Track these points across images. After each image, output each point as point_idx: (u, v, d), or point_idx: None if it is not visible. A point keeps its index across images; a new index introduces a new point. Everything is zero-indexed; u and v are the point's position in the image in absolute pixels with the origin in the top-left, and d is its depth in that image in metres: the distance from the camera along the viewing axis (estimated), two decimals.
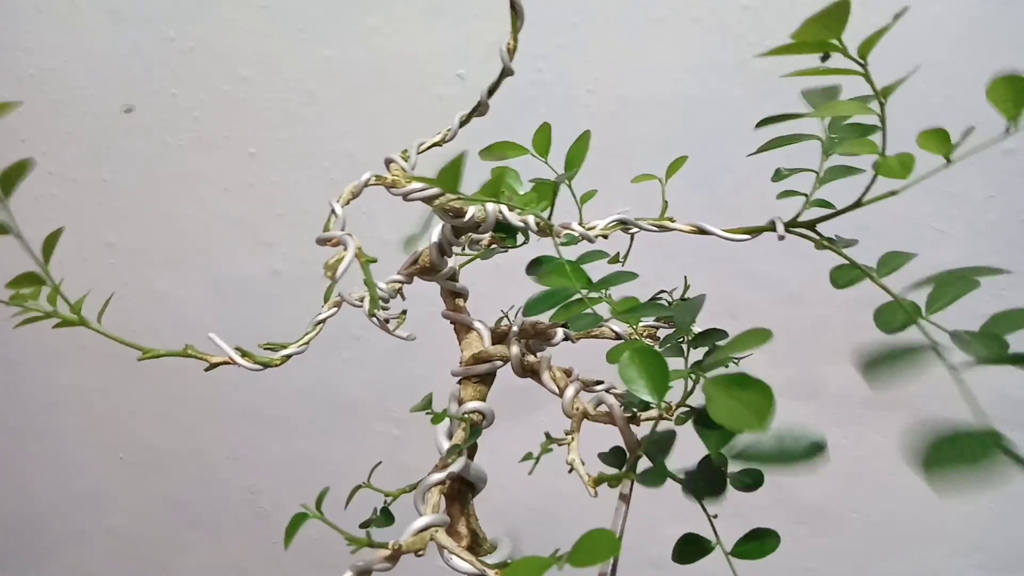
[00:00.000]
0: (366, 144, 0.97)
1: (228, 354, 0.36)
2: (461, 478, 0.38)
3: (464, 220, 0.40)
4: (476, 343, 0.44)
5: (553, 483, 0.85)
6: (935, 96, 0.82)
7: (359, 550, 0.30)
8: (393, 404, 1.05)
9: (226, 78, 0.98)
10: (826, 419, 0.94)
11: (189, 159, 1.02)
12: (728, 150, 0.83)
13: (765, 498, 1.06)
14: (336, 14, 0.94)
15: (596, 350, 0.36)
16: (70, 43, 1.01)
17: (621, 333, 0.45)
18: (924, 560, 0.96)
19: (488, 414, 0.41)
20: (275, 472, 1.12)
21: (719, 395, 0.21)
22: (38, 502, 1.22)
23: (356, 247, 0.33)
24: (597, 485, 0.31)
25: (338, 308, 0.39)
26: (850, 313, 0.88)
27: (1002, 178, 0.84)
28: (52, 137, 1.04)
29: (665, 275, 0.50)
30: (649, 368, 0.26)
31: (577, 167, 0.39)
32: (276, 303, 1.04)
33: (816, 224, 0.36)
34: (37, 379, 1.16)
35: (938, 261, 0.33)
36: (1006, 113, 0.28)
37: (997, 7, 0.80)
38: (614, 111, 0.90)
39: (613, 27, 0.88)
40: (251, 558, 1.17)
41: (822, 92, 0.39)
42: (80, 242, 1.07)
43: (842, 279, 0.33)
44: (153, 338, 0.43)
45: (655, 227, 0.39)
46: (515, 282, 0.40)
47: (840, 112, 0.37)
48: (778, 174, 0.40)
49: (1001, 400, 0.86)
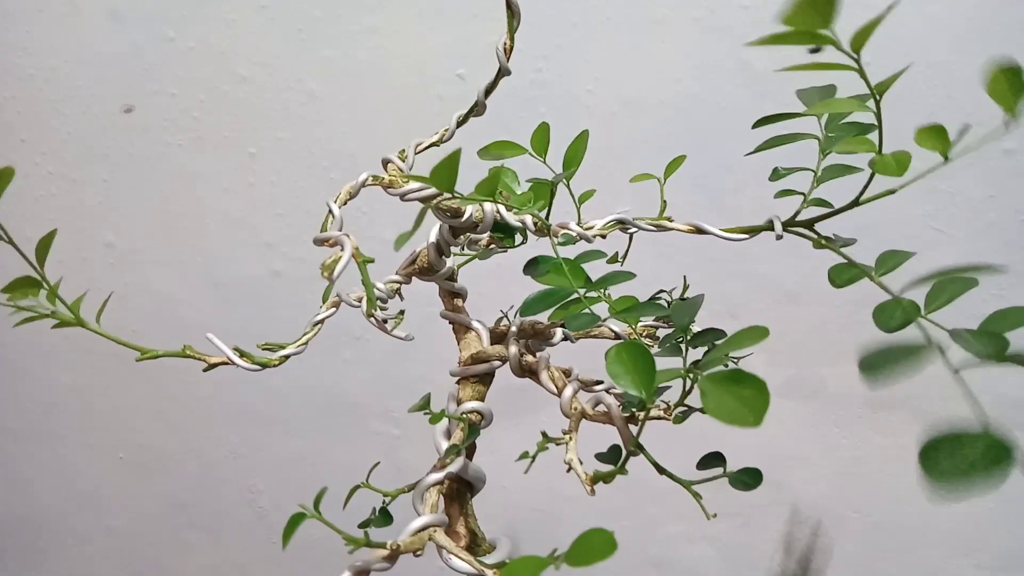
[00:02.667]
0: (366, 144, 0.97)
1: (226, 354, 0.36)
2: (460, 478, 0.38)
3: (462, 220, 0.40)
4: (475, 343, 0.44)
5: (552, 483, 0.85)
6: (934, 96, 0.82)
7: (357, 550, 0.30)
8: (393, 404, 1.05)
9: (226, 78, 0.98)
10: (826, 419, 0.94)
11: (189, 159, 1.02)
12: (727, 150, 0.83)
13: (765, 498, 1.06)
14: (336, 14, 0.94)
15: (596, 350, 0.36)
16: (70, 43, 1.01)
17: (620, 333, 0.45)
18: (924, 560, 0.96)
19: (487, 414, 0.41)
20: (275, 472, 1.12)
21: (714, 391, 0.21)
22: (38, 502, 1.22)
23: (353, 247, 0.33)
24: (594, 484, 0.31)
25: (336, 308, 0.39)
26: (850, 313, 0.88)
27: (1002, 178, 0.84)
28: (52, 137, 1.04)
29: (664, 275, 0.50)
30: (635, 363, 0.26)
31: (575, 167, 0.39)
32: (276, 303, 1.04)
33: (814, 223, 0.36)
34: (37, 379, 1.16)
35: (937, 261, 0.33)
36: (1005, 106, 0.27)
37: (996, 6, 0.80)
38: (614, 111, 0.90)
39: (613, 27, 0.88)
40: (251, 558, 1.17)
41: (818, 91, 0.39)
42: (80, 242, 1.07)
43: (840, 278, 0.33)
44: (153, 338, 0.43)
45: (653, 227, 0.39)
46: (515, 282, 0.40)
47: (836, 110, 0.37)
48: (776, 173, 0.40)
49: (1001, 400, 0.86)
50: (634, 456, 0.31)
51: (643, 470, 0.33)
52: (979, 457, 0.19)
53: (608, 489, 0.34)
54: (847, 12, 0.25)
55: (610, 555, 0.23)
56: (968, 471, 0.19)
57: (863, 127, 0.38)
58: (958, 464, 0.19)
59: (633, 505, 1.00)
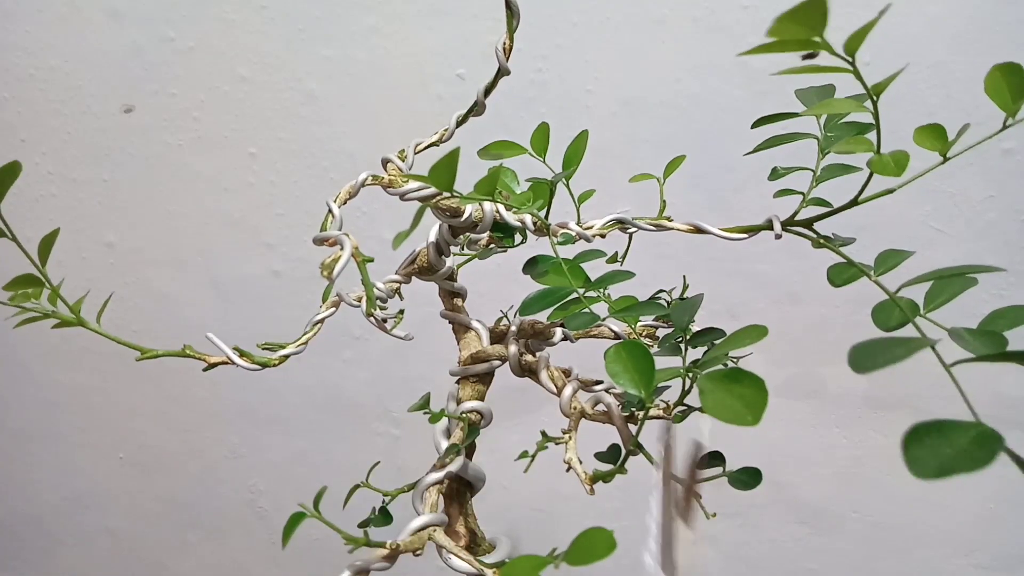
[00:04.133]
0: (366, 144, 0.97)
1: (226, 354, 0.36)
2: (459, 477, 0.38)
3: (461, 220, 0.40)
4: (474, 343, 0.44)
5: (552, 483, 0.85)
6: (934, 96, 0.82)
7: (357, 549, 0.30)
8: (392, 404, 1.06)
9: (226, 78, 0.98)
10: (826, 419, 0.94)
11: (189, 159, 1.02)
12: (727, 150, 0.83)
13: (765, 498, 1.06)
14: (336, 14, 0.94)
15: (595, 350, 0.36)
16: (70, 43, 1.01)
17: (620, 332, 0.45)
18: (924, 560, 0.96)
19: (486, 414, 0.41)
20: (275, 472, 1.12)
21: (713, 390, 0.21)
22: (38, 502, 1.22)
23: (353, 247, 0.33)
24: (594, 483, 0.31)
25: (336, 308, 0.39)
26: (849, 312, 0.88)
27: (1001, 178, 0.84)
28: (52, 137, 1.04)
29: (663, 274, 0.50)
30: (635, 363, 0.26)
31: (574, 166, 0.39)
32: (276, 303, 1.04)
33: (813, 223, 0.37)
34: (37, 379, 1.16)
35: (937, 261, 0.33)
36: (1003, 106, 0.27)
37: (996, 6, 0.80)
38: (614, 111, 0.90)
39: (613, 27, 0.88)
40: (251, 558, 1.17)
41: (816, 91, 0.39)
42: (80, 242, 1.07)
43: (839, 277, 0.33)
44: (153, 338, 0.43)
45: (653, 226, 0.39)
46: (514, 281, 0.40)
47: (834, 110, 0.37)
48: (775, 173, 0.40)
49: (1000, 399, 0.86)
50: (633, 455, 0.31)
51: (643, 470, 0.33)
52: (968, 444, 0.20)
53: (608, 489, 0.34)
54: (847, 12, 0.25)
55: (609, 554, 0.23)
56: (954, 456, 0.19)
57: (862, 127, 0.38)
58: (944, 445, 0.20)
59: (633, 505, 1.00)
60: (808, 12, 0.21)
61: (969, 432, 0.20)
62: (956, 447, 0.20)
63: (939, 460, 0.19)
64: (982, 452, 0.19)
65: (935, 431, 0.20)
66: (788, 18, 0.21)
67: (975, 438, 0.20)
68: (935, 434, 0.20)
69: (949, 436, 0.20)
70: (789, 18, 0.21)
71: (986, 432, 0.20)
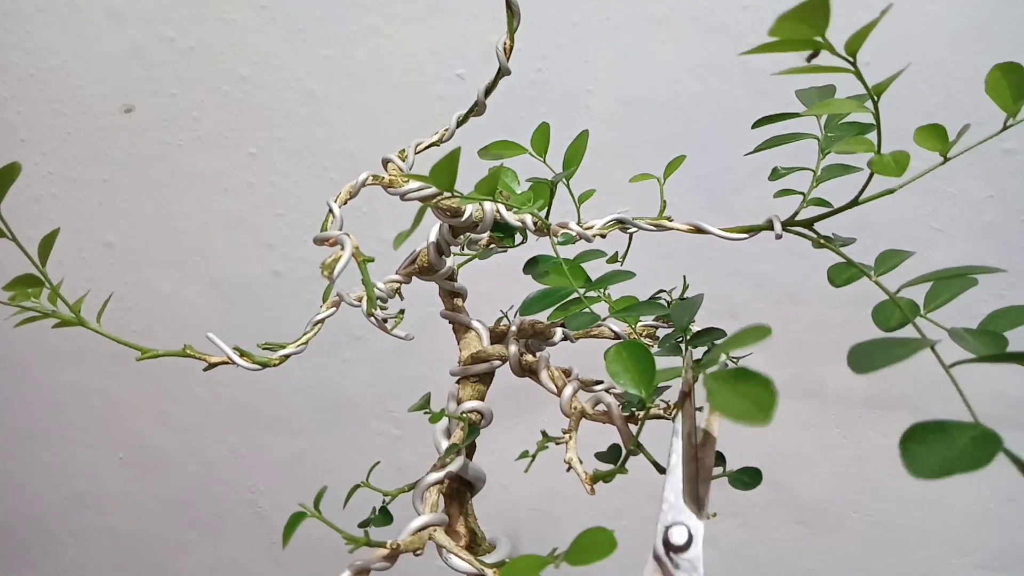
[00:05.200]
0: (366, 144, 0.97)
1: (226, 354, 0.36)
2: (460, 477, 0.38)
3: (462, 219, 0.40)
4: (474, 343, 0.44)
5: (552, 483, 0.85)
6: (934, 96, 0.82)
7: (357, 549, 0.30)
8: (393, 404, 1.06)
9: (226, 78, 0.98)
10: (826, 419, 0.94)
11: (189, 159, 1.02)
12: (727, 150, 0.83)
13: (764, 497, 1.06)
14: (336, 14, 0.94)
15: (596, 350, 0.36)
16: (70, 43, 1.01)
17: (620, 332, 0.45)
18: (924, 560, 0.96)
19: (487, 413, 0.41)
20: (275, 472, 1.12)
21: (720, 389, 0.21)
22: (38, 502, 1.22)
23: (353, 246, 0.33)
24: (594, 483, 0.31)
25: (336, 308, 0.39)
26: (849, 312, 0.88)
27: (1001, 178, 0.84)
28: (52, 137, 1.04)
29: (664, 274, 0.50)
30: (635, 362, 0.26)
31: (575, 166, 0.39)
32: (276, 303, 1.04)
33: (814, 223, 0.37)
34: (37, 379, 1.16)
35: (937, 261, 0.33)
36: (1004, 106, 0.27)
37: (996, 6, 0.80)
38: (614, 111, 0.90)
39: (613, 27, 0.88)
40: (251, 558, 1.17)
41: (817, 91, 0.39)
42: (80, 242, 1.07)
43: (839, 278, 0.33)
44: (153, 338, 0.43)
45: (653, 226, 0.39)
46: (515, 281, 0.40)
47: (834, 110, 0.37)
48: (775, 173, 0.40)
49: (1000, 400, 0.86)
50: (634, 455, 0.31)
51: (643, 470, 0.33)
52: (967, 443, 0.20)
53: (608, 489, 0.34)
54: (848, 12, 0.25)
55: (610, 554, 0.23)
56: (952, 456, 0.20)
57: (862, 127, 0.38)
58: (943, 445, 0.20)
59: (633, 505, 1.00)
60: (810, 12, 0.21)
61: (968, 432, 0.20)
62: (955, 447, 0.20)
63: (938, 460, 0.19)
64: (981, 452, 0.19)
65: (934, 431, 0.20)
66: (790, 17, 0.21)
67: (974, 438, 0.20)
68: (934, 434, 0.20)
69: (948, 436, 0.20)
70: (791, 17, 0.21)
71: (985, 432, 0.20)
